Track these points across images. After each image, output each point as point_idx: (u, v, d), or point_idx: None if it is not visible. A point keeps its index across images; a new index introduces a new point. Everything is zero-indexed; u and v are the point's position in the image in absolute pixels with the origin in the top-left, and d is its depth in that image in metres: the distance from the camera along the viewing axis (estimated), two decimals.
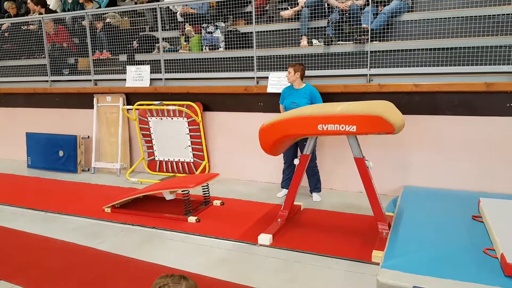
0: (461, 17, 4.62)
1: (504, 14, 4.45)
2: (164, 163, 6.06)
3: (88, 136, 6.57)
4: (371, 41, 4.74)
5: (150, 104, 5.83)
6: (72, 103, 6.76)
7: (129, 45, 6.36)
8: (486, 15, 4.56)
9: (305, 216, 4.21)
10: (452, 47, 4.47)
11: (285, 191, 4.80)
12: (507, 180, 4.29)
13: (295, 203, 4.17)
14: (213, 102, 5.66)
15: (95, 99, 6.42)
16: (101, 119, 6.49)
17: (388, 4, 4.92)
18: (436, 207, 3.92)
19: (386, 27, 4.89)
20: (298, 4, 5.60)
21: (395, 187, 4.72)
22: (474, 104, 4.33)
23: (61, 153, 6.56)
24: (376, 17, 4.89)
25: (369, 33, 4.70)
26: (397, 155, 4.72)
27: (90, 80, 6.54)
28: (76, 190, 5.51)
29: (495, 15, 4.52)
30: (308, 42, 5.34)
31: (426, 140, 4.57)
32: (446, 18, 4.66)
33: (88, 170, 6.55)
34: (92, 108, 6.47)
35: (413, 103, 4.55)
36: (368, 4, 4.83)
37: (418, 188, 4.57)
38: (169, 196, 4.36)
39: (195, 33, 6.04)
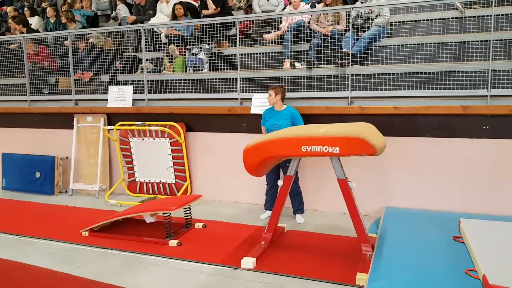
0: (438, 43, 4.81)
1: (478, 41, 4.65)
2: (144, 184, 5.96)
3: (67, 157, 6.43)
4: (351, 65, 4.85)
5: (132, 125, 5.77)
6: (51, 123, 6.63)
7: (112, 66, 6.33)
8: (461, 41, 4.76)
9: (289, 238, 4.17)
10: (430, 72, 4.62)
11: (268, 212, 4.76)
12: (486, 201, 4.38)
13: (278, 224, 4.14)
14: (196, 122, 5.65)
15: (75, 119, 6.32)
16: (80, 140, 6.37)
17: (367, 30, 5.08)
18: (418, 228, 3.96)
19: (366, 51, 5.02)
20: (280, 28, 5.73)
21: (377, 208, 4.75)
22: (452, 127, 4.45)
23: (37, 175, 6.38)
24: (356, 42, 5.03)
25: (350, 57, 4.82)
26: (379, 176, 4.77)
27: (71, 100, 6.45)
28: (53, 213, 5.34)
29: (469, 41, 4.73)
30: (290, 65, 5.44)
31: (406, 161, 4.65)
32: (423, 43, 4.83)
33: (66, 192, 6.38)
34: (72, 128, 6.36)
35: (393, 125, 4.64)
36: (348, 30, 4.97)
37: (400, 209, 4.62)
38: (149, 219, 4.27)
39: (179, 54, 6.08)
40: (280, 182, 3.82)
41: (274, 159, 3.77)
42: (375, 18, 5.17)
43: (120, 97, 6.03)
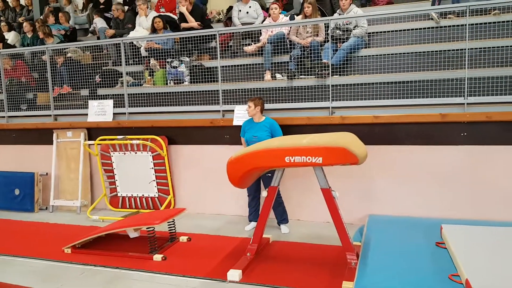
0: (415, 52, 4.93)
1: (454, 50, 4.79)
2: (127, 199, 5.88)
3: (47, 173, 6.29)
4: (331, 75, 4.92)
5: (113, 139, 5.70)
6: (30, 139, 6.49)
7: (91, 80, 6.26)
8: (438, 51, 4.90)
9: (274, 249, 4.16)
10: (408, 81, 4.72)
11: (253, 224, 4.75)
12: (466, 206, 4.47)
13: (263, 235, 4.13)
14: (178, 135, 5.62)
15: (54, 135, 6.21)
16: (60, 155, 6.25)
17: (346, 41, 5.18)
18: (401, 235, 4.02)
19: (345, 62, 5.11)
20: (260, 40, 5.79)
21: (361, 216, 4.79)
22: (431, 134, 4.55)
23: (17, 192, 6.22)
24: (335, 52, 5.11)
25: (330, 68, 4.89)
26: (361, 185, 4.82)
27: (50, 116, 6.34)
28: (33, 230, 5.20)
29: (446, 50, 4.87)
30: (271, 76, 5.48)
31: (387, 169, 4.72)
32: (400, 53, 4.95)
33: (46, 208, 6.22)
34: (51, 144, 6.23)
35: (373, 134, 4.71)
36: (327, 41, 5.06)
37: (383, 216, 4.67)
38: (133, 234, 4.20)
39: (160, 67, 6.06)
40: (264, 193, 3.83)
41: (258, 170, 3.78)
42: (353, 29, 5.28)
43: (100, 111, 5.96)
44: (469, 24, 4.52)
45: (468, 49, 4.48)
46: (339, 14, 5.52)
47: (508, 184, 4.33)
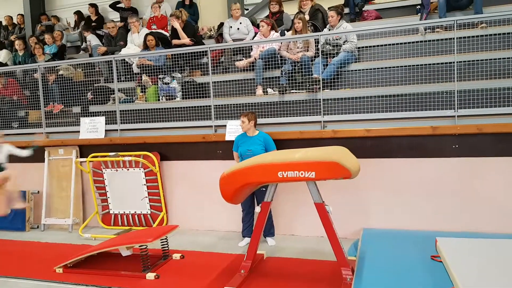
0: (405, 66, 4.99)
1: (443, 63, 4.85)
2: (119, 216, 5.81)
3: (38, 191, 6.21)
4: (323, 89, 4.96)
5: (105, 156, 5.66)
6: (21, 157, 6.41)
7: (83, 97, 6.25)
8: (427, 64, 4.96)
9: (269, 265, 4.12)
10: (399, 94, 4.76)
11: (247, 239, 4.72)
12: (460, 218, 4.47)
13: (257, 251, 4.09)
14: (171, 151, 5.59)
15: (46, 152, 6.15)
16: (52, 173, 6.19)
17: (336, 56, 5.23)
18: (395, 248, 4.00)
19: (335, 76, 5.16)
20: (251, 55, 5.83)
21: (355, 230, 4.77)
22: (422, 147, 4.57)
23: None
24: (326, 67, 5.16)
25: (321, 82, 4.93)
26: (355, 198, 4.82)
27: (42, 133, 6.29)
28: (24, 250, 5.11)
29: (435, 63, 4.93)
30: (263, 91, 5.51)
31: (380, 182, 4.72)
32: (390, 67, 5.00)
33: (38, 227, 6.13)
34: (43, 161, 6.17)
35: (365, 147, 4.72)
36: (318, 56, 5.11)
37: (377, 230, 4.65)
38: (125, 252, 4.14)
39: (152, 83, 6.07)
40: (258, 209, 3.80)
41: (251, 185, 3.76)
42: (343, 44, 5.34)
43: (92, 128, 5.93)
44: (456, 38, 4.59)
45: (457, 62, 4.54)
46: (329, 30, 5.59)
47: (499, 196, 4.35)
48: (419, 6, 6.88)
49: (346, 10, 6.98)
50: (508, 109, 4.34)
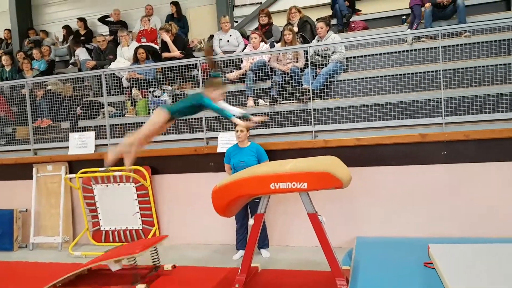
0: (393, 75, 5.06)
1: (430, 72, 4.93)
2: (110, 232, 5.72)
3: (26, 209, 6.10)
4: (313, 99, 4.99)
5: (95, 171, 5.60)
6: (8, 175, 6.32)
7: (72, 112, 6.20)
8: (414, 73, 5.03)
9: (263, 278, 4.08)
10: (387, 103, 4.81)
11: (241, 252, 4.68)
12: (450, 224, 4.50)
13: (252, 265, 4.05)
14: (162, 165, 5.55)
15: (34, 169, 6.06)
16: (40, 190, 6.09)
17: (325, 66, 5.29)
18: (389, 256, 4.00)
19: (325, 86, 5.20)
20: (242, 67, 5.86)
21: (349, 239, 4.76)
22: (412, 154, 4.61)
23: None
24: (315, 78, 5.21)
25: (311, 92, 4.96)
26: (348, 207, 4.82)
27: (29, 150, 6.21)
28: (12, 271, 5.00)
29: (422, 72, 5.01)
30: (254, 102, 5.53)
31: (372, 190, 4.74)
32: (379, 76, 5.07)
33: (26, 246, 6.00)
34: (31, 179, 6.08)
35: (356, 156, 4.75)
36: (307, 67, 5.15)
37: (370, 238, 4.65)
38: (114, 267, 4.07)
39: (142, 97, 6.05)
40: (251, 221, 3.78)
41: (244, 198, 3.75)
42: (332, 54, 5.40)
43: (81, 143, 5.87)
44: (441, 47, 4.68)
45: (443, 70, 4.61)
46: (318, 41, 5.66)
47: (488, 200, 4.39)
48: (404, 16, 7.02)
49: (334, 21, 7.08)
50: (493, 115, 4.43)
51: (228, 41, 6.56)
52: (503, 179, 4.36)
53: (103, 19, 8.90)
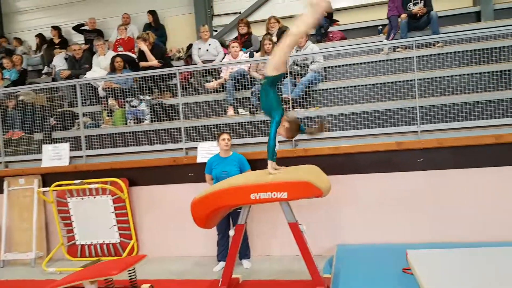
0: (369, 84, 5.15)
1: (405, 81, 5.04)
2: (86, 247, 5.55)
3: None
4: (292, 108, 5.01)
5: (70, 184, 5.44)
6: None
7: (45, 123, 6.03)
8: (390, 82, 5.14)
9: None
10: (365, 111, 4.89)
11: (222, 263, 4.61)
12: (428, 229, 4.56)
13: (233, 275, 4.00)
14: (140, 176, 5.44)
15: (5, 183, 5.83)
16: (12, 205, 5.86)
17: (304, 76, 5.33)
18: (369, 263, 4.04)
19: (304, 95, 5.24)
20: (221, 77, 5.84)
21: (329, 246, 4.76)
22: (389, 162, 4.67)
23: None
24: (295, 87, 5.24)
25: (290, 101, 4.98)
26: (328, 215, 4.83)
27: (0, 162, 5.99)
28: None
29: (397, 81, 5.11)
30: (234, 111, 5.51)
31: (351, 198, 4.77)
32: (356, 86, 5.14)
33: None
34: (2, 193, 5.85)
35: (336, 164, 4.77)
36: (286, 76, 5.17)
37: (351, 245, 4.67)
38: (90, 287, 3.93)
39: (119, 107, 5.94)
40: (231, 232, 3.74)
41: (224, 209, 3.71)
42: (310, 64, 5.46)
43: (55, 155, 5.70)
44: (416, 56, 4.79)
45: (417, 79, 4.72)
46: (297, 51, 5.70)
47: (464, 206, 4.49)
48: (380, 27, 7.19)
49: (312, 31, 7.17)
50: (466, 123, 4.56)
51: (207, 50, 6.54)
52: (478, 185, 4.47)
53: (78, 28, 8.74)
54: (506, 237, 4.30)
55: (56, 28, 8.80)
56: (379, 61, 5.58)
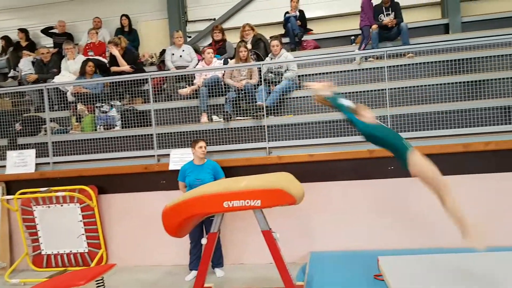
0: (342, 93, 5.19)
1: (375, 90, 5.14)
2: (52, 256, 5.34)
3: None
4: (267, 116, 5.01)
5: (36, 192, 5.23)
6: None
7: (10, 128, 5.79)
8: (362, 91, 5.22)
9: None
10: (338, 120, 4.93)
11: (194, 272, 4.54)
12: (399, 236, 4.64)
13: (205, 285, 3.93)
14: (109, 184, 5.29)
15: None
16: None
17: (278, 83, 5.35)
18: (341, 270, 4.07)
19: (279, 103, 5.25)
20: (195, 83, 5.79)
21: (303, 254, 4.77)
22: (361, 169, 4.74)
23: None
24: (269, 94, 5.25)
25: (264, 109, 4.98)
26: (301, 223, 4.84)
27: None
28: None
29: (369, 90, 5.21)
30: (208, 118, 5.46)
31: (324, 205, 4.80)
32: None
33: None
34: None
35: (309, 171, 4.80)
36: (261, 83, 5.18)
37: (324, 252, 4.70)
38: None
39: (89, 112, 5.78)
40: (204, 241, 3.67)
41: (196, 217, 3.65)
42: (285, 72, 5.49)
43: (20, 162, 5.48)
44: (387, 66, 4.90)
45: (388, 89, 4.82)
46: (271, 58, 5.73)
47: (434, 213, 4.54)
48: (353, 37, 7.33)
49: (286, 40, 7.23)
50: (434, 132, 4.68)
51: (181, 56, 6.47)
52: None
53: (46, 31, 8.48)
54: None
55: (23, 30, 8.50)
56: (352, 70, 5.67)
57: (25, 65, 7.40)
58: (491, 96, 4.86)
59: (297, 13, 7.43)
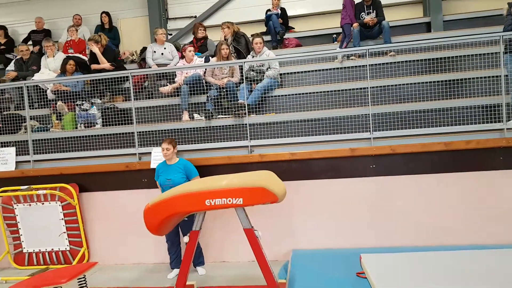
0: (324, 91, 5.26)
1: (357, 89, 5.20)
2: (34, 254, 5.28)
3: None
4: (248, 114, 5.03)
5: (16, 190, 5.15)
6: None
7: None
8: (344, 89, 5.28)
9: None
10: (320, 118, 4.98)
11: (176, 271, 4.55)
12: (381, 235, 4.70)
13: (187, 283, 3.94)
14: (91, 182, 5.24)
15: None
16: None
17: (260, 82, 5.37)
18: (323, 268, 4.10)
19: (261, 101, 5.27)
20: (176, 81, 5.76)
21: (285, 252, 4.81)
22: (343, 168, 4.78)
23: None
24: (251, 93, 5.26)
25: (246, 107, 5.00)
26: (284, 220, 4.87)
27: None
28: None
29: (351, 89, 5.26)
30: (189, 117, 5.45)
31: (306, 203, 4.83)
32: (311, 92, 5.24)
33: None
34: None
35: (291, 170, 4.83)
36: (242, 82, 5.19)
37: (306, 251, 4.73)
38: None
39: (69, 110, 5.71)
40: (186, 239, 3.68)
41: (178, 216, 3.65)
42: (266, 70, 5.50)
43: (0, 160, 5.39)
44: (369, 65, 4.95)
45: (370, 87, 4.88)
46: (253, 56, 5.74)
47: (416, 211, 4.65)
48: (334, 35, 7.39)
49: (268, 38, 7.25)
50: (416, 130, 4.74)
51: (162, 53, 6.44)
52: (428, 190, 4.62)
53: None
54: (454, 241, 4.51)
55: (2, 27, 8.32)
56: (334, 68, 5.72)
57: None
58: (473, 95, 4.92)
59: (279, 11, 7.46)
